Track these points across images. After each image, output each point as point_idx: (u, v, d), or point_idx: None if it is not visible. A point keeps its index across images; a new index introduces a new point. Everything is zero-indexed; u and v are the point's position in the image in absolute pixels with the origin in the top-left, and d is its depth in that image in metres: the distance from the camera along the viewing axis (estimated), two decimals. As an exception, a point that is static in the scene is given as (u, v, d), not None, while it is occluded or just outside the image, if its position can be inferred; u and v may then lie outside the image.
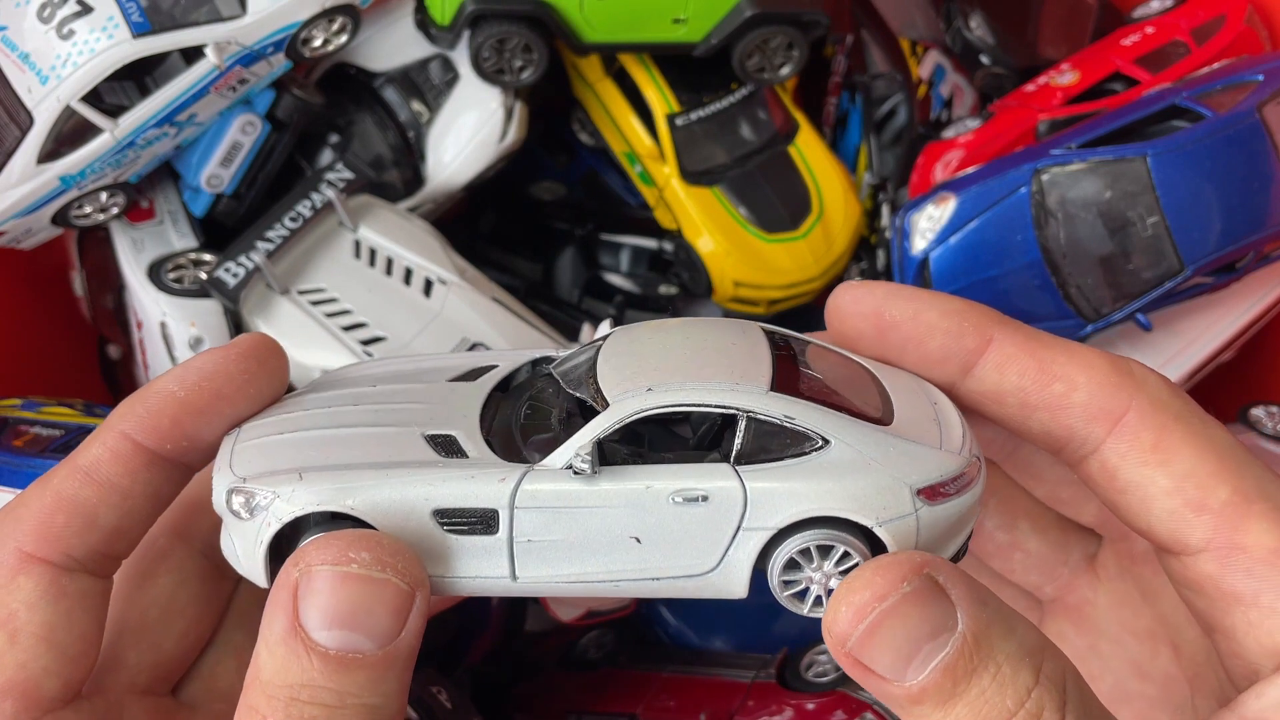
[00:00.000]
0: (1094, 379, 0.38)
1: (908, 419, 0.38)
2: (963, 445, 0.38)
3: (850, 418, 0.37)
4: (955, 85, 1.01)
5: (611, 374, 0.39)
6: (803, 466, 0.36)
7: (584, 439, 0.37)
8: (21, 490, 0.69)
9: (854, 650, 0.34)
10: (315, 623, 0.34)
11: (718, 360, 0.38)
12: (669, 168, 0.91)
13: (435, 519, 0.38)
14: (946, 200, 0.81)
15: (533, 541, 0.38)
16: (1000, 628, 0.33)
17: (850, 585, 0.34)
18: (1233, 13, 0.90)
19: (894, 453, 0.37)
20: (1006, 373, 0.39)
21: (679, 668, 0.77)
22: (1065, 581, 0.47)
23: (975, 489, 0.38)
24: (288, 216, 0.81)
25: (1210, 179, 0.74)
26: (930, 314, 0.40)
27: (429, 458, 0.39)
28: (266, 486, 0.38)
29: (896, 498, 0.36)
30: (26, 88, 0.75)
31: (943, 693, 0.33)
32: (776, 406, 0.37)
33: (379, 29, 0.90)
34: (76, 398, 0.85)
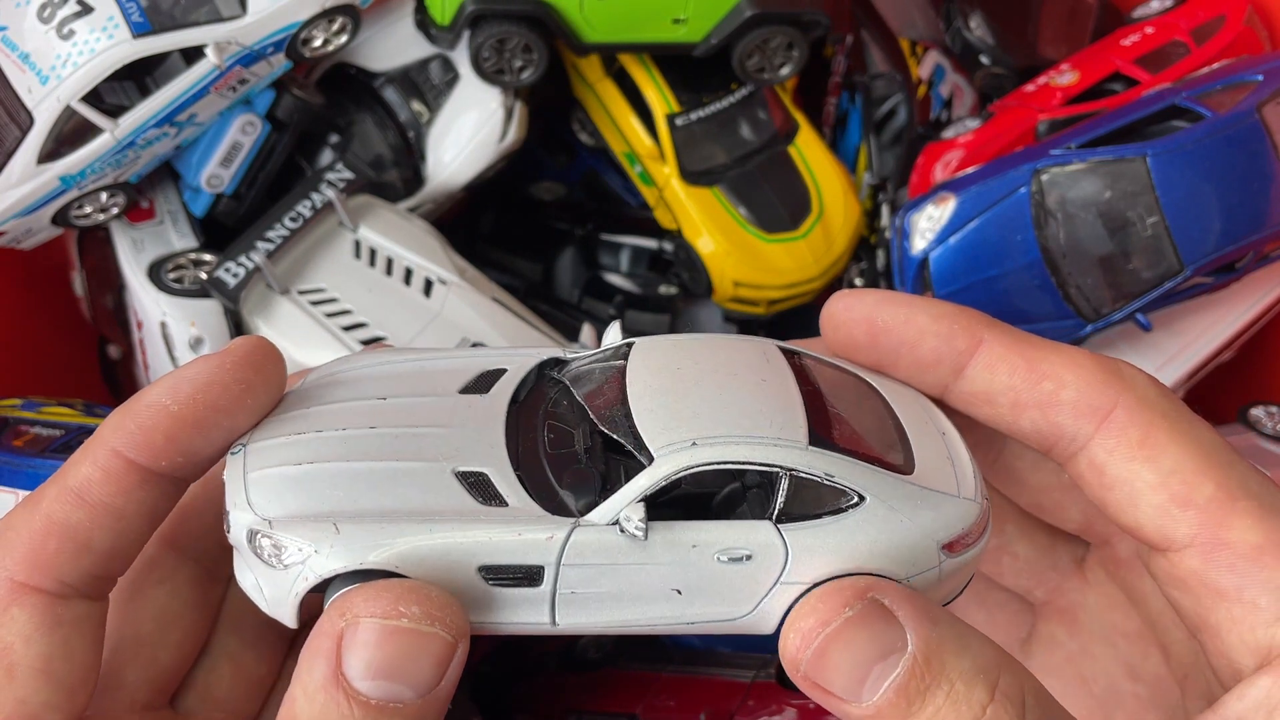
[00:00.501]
0: (1082, 377, 0.39)
1: (927, 461, 0.39)
2: (976, 489, 0.39)
3: (882, 471, 0.38)
4: (955, 85, 1.01)
5: (649, 418, 0.38)
6: (840, 524, 0.37)
7: (630, 497, 0.37)
8: (20, 492, 0.69)
9: (807, 674, 0.35)
10: (359, 672, 0.34)
11: (755, 404, 0.38)
12: (669, 168, 0.91)
13: (481, 574, 0.37)
14: (946, 200, 0.81)
15: (576, 594, 0.38)
16: (953, 645, 0.34)
17: (798, 612, 0.35)
18: (1232, 13, 0.90)
19: (922, 507, 0.37)
20: (997, 372, 0.40)
21: (679, 668, 0.77)
22: (1055, 585, 0.47)
23: (986, 535, 0.39)
24: (288, 216, 0.81)
25: (1210, 179, 0.74)
26: (921, 318, 0.41)
27: (467, 505, 0.38)
28: (300, 538, 0.37)
29: (925, 553, 0.37)
30: (27, 88, 0.75)
31: (898, 712, 0.33)
32: (818, 464, 0.37)
33: (379, 29, 0.90)
34: (76, 398, 0.85)
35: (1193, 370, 0.82)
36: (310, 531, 0.36)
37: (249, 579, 0.39)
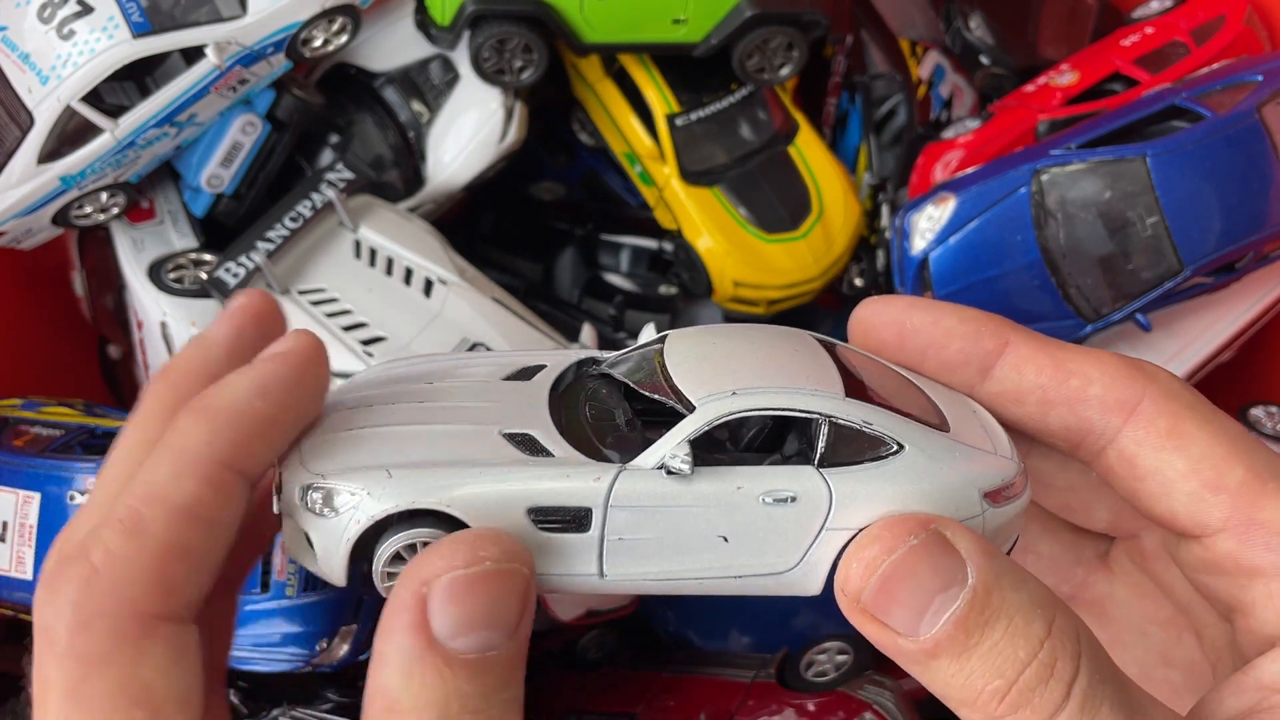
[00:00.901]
0: (1107, 372, 0.40)
1: (961, 425, 0.40)
2: (1013, 451, 0.40)
3: (918, 424, 0.39)
4: (955, 85, 1.01)
5: (689, 377, 0.39)
6: (881, 470, 0.38)
7: (676, 439, 0.38)
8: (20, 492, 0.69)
9: (868, 605, 0.35)
10: (450, 632, 0.33)
11: (792, 366, 0.40)
12: (669, 168, 0.91)
13: (530, 517, 0.38)
14: (946, 200, 0.81)
15: (623, 540, 0.38)
16: (1010, 580, 0.34)
17: (860, 542, 0.36)
18: (1232, 13, 0.90)
19: (960, 457, 0.38)
20: (1024, 372, 0.41)
21: (679, 668, 0.78)
22: (1081, 580, 0.48)
23: (1026, 494, 0.40)
24: (288, 216, 0.81)
25: (1210, 179, 0.74)
26: (948, 321, 0.42)
27: (515, 457, 0.39)
28: (352, 483, 0.37)
29: (968, 500, 0.38)
30: (27, 88, 0.75)
31: (956, 645, 0.34)
32: (856, 412, 0.38)
33: (379, 29, 0.90)
34: (76, 398, 0.85)
35: (1193, 370, 0.82)
36: (362, 478, 0.37)
37: (296, 541, 0.39)
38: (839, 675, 0.72)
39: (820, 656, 0.75)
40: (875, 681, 0.72)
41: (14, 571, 0.70)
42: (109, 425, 0.77)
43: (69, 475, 0.70)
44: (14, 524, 0.70)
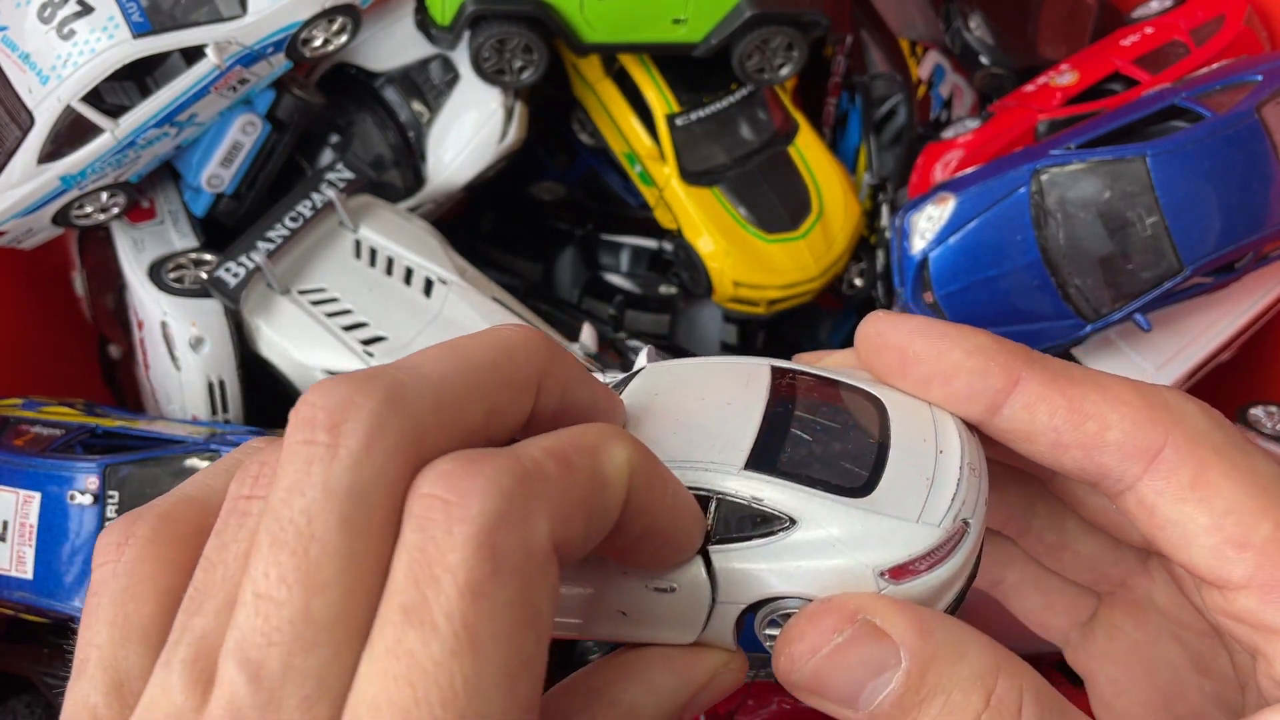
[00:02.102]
0: (1127, 415, 0.37)
1: (893, 483, 0.38)
2: (945, 514, 0.37)
3: (822, 494, 0.37)
4: (955, 85, 1.01)
5: None
6: (770, 548, 0.37)
7: None
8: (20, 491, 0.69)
9: (803, 694, 0.35)
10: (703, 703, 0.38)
11: (708, 428, 0.39)
12: (669, 168, 0.91)
13: None
14: (946, 200, 0.81)
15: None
16: (949, 654, 0.34)
17: (786, 636, 0.35)
18: (1232, 13, 0.90)
19: (861, 532, 0.36)
20: (1036, 412, 0.38)
21: (679, 667, 0.77)
22: (1119, 580, 0.46)
23: (952, 560, 0.37)
24: (288, 216, 0.81)
25: (1209, 179, 0.74)
26: (955, 353, 0.39)
27: None
28: None
29: (859, 579, 0.36)
30: (27, 88, 0.75)
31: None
32: (746, 487, 0.37)
33: (379, 29, 0.90)
34: (77, 398, 0.85)
35: (1192, 370, 0.82)
36: None
37: None
38: (839, 675, 0.72)
39: (820, 656, 0.74)
40: (875, 681, 0.72)
41: (14, 571, 0.70)
42: (109, 425, 0.77)
43: (69, 475, 0.70)
44: (14, 524, 0.70)
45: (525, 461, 0.31)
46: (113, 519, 0.69)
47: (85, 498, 0.69)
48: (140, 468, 0.70)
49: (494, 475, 0.29)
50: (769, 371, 0.42)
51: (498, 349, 0.34)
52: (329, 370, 0.78)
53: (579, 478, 0.32)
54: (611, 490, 0.33)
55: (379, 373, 0.31)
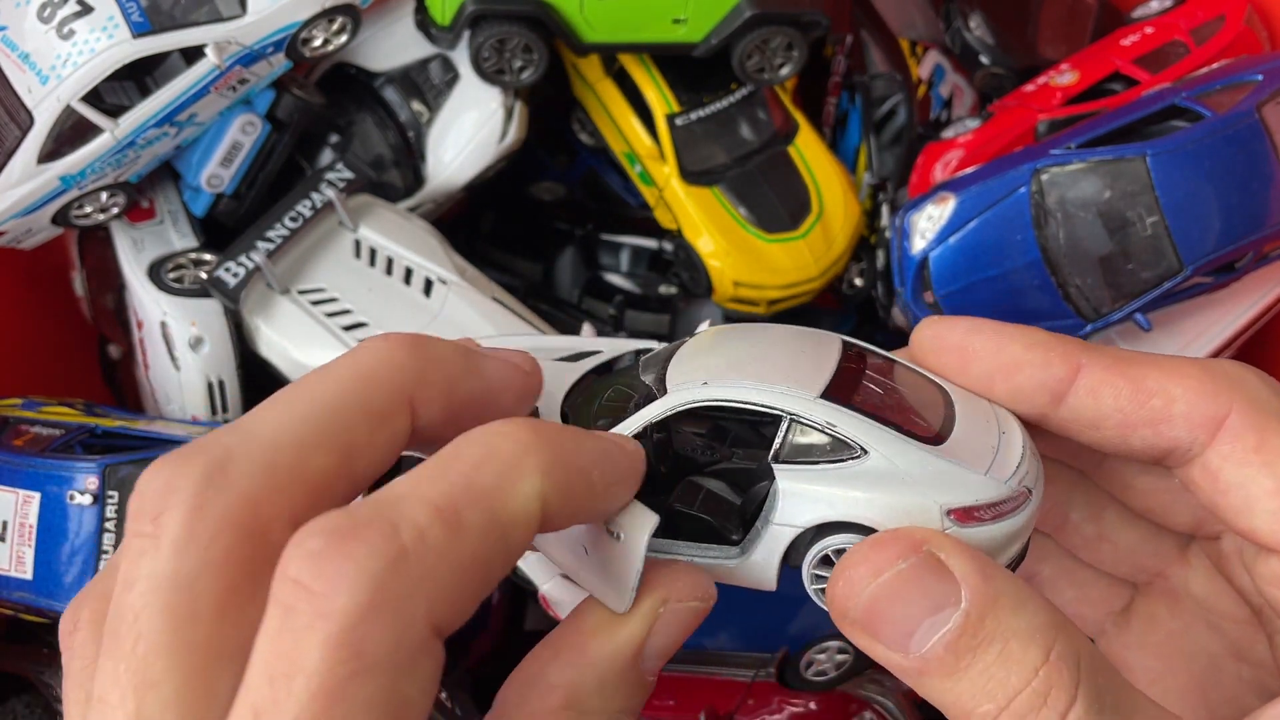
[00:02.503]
0: (1191, 388, 0.38)
1: (963, 442, 0.39)
2: (1012, 475, 0.38)
3: (895, 432, 0.38)
4: (955, 85, 1.01)
5: (679, 367, 0.41)
6: (837, 472, 0.37)
7: (636, 424, 0.39)
8: (20, 491, 0.69)
9: (856, 623, 0.34)
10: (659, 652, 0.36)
11: (781, 364, 0.40)
12: (669, 168, 0.91)
13: None
14: (946, 200, 0.81)
15: None
16: (1009, 603, 0.33)
17: (848, 560, 0.35)
18: (1232, 13, 0.90)
19: (931, 470, 0.37)
20: (1101, 397, 0.39)
21: (678, 667, 0.77)
22: (1156, 571, 0.47)
23: (1015, 519, 0.38)
24: (288, 216, 0.81)
25: (1209, 179, 0.74)
26: (1014, 347, 0.40)
27: None
28: None
29: (925, 514, 0.36)
30: (26, 88, 0.75)
31: (945, 667, 0.33)
32: (820, 413, 0.38)
33: (379, 29, 0.90)
34: (77, 398, 0.85)
35: (1192, 370, 0.82)
36: None
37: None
38: (839, 675, 0.72)
39: (820, 656, 0.74)
40: (875, 681, 0.72)
41: (14, 571, 0.70)
42: (109, 425, 0.77)
43: (69, 475, 0.70)
44: (14, 524, 0.70)
45: (406, 534, 0.28)
46: (112, 519, 0.69)
47: (85, 498, 0.69)
48: (140, 468, 0.70)
49: (365, 558, 0.27)
50: (840, 340, 0.43)
51: (351, 379, 0.33)
52: None
53: (469, 539, 0.29)
54: (517, 531, 0.31)
55: (203, 446, 0.29)
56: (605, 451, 0.36)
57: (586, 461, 0.34)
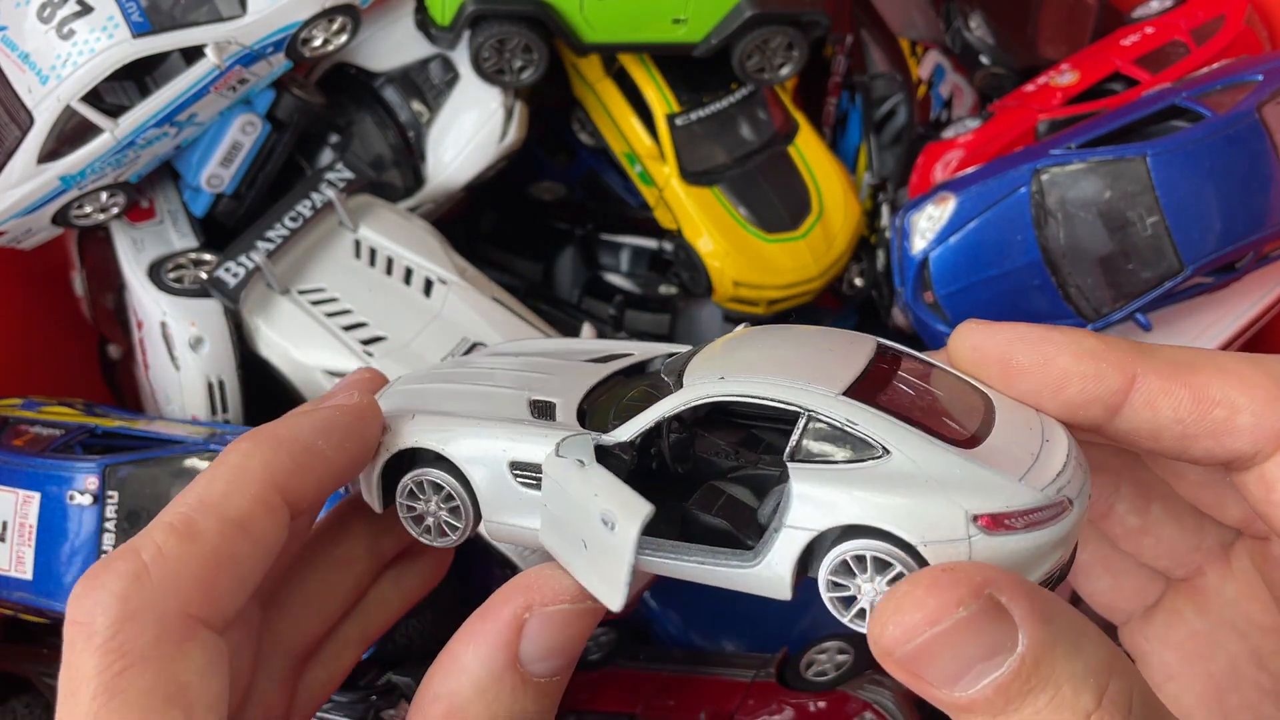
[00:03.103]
0: (1258, 397, 0.36)
1: (998, 448, 0.36)
2: (1050, 483, 0.36)
3: (921, 433, 0.36)
4: (955, 85, 1.01)
5: (701, 362, 0.40)
6: (856, 473, 0.35)
7: (648, 420, 0.38)
8: (20, 491, 0.69)
9: (901, 662, 0.32)
10: (535, 656, 0.35)
11: (806, 362, 0.38)
12: (669, 168, 0.91)
13: (513, 471, 0.41)
14: (946, 200, 0.81)
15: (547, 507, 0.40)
16: (1065, 647, 0.32)
17: (900, 603, 0.32)
18: (1232, 13, 0.90)
19: (959, 475, 0.35)
20: (1160, 409, 0.37)
21: (679, 667, 0.77)
22: (1196, 566, 0.45)
23: (1053, 529, 0.35)
24: (288, 216, 0.81)
25: (1210, 179, 0.74)
26: (1063, 359, 0.38)
27: (521, 418, 0.42)
28: (390, 422, 0.43)
29: (948, 520, 0.34)
30: (27, 87, 0.75)
31: (993, 708, 0.31)
32: (840, 411, 0.36)
33: (379, 29, 0.90)
34: (77, 398, 0.85)
35: (1193, 370, 0.82)
36: (395, 417, 0.43)
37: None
38: (839, 675, 0.72)
39: (820, 656, 0.74)
40: (875, 681, 0.72)
41: (14, 571, 0.70)
42: (109, 425, 0.77)
43: (69, 475, 0.70)
44: (14, 524, 0.70)
45: (145, 553, 0.35)
46: (111, 518, 0.69)
47: (85, 498, 0.69)
48: (140, 468, 0.70)
49: (110, 582, 0.34)
50: (875, 342, 0.41)
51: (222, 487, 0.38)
52: (328, 370, 0.78)
53: (207, 541, 0.36)
54: (258, 521, 0.37)
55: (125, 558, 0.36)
56: (325, 420, 0.40)
57: (308, 437, 0.39)
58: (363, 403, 0.42)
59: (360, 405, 0.42)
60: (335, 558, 0.46)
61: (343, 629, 0.47)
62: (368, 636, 0.48)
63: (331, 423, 0.40)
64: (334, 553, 0.47)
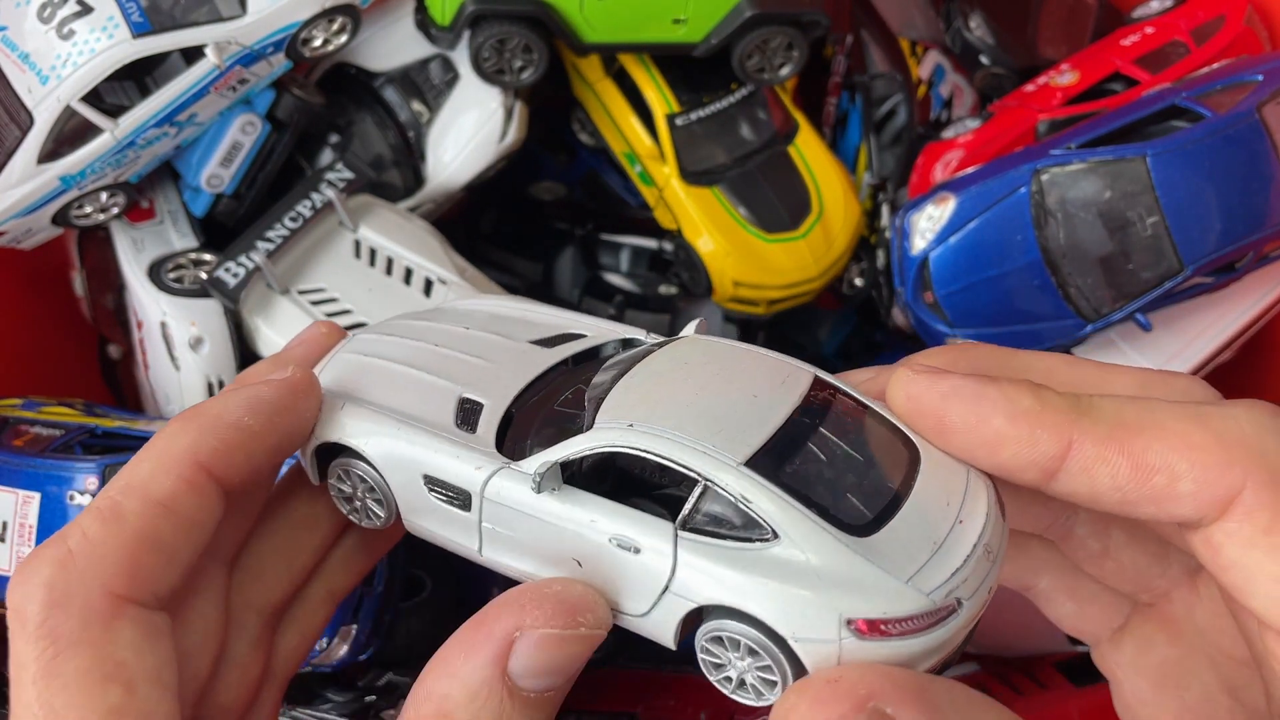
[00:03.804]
0: (1199, 461, 0.34)
1: (899, 534, 0.35)
2: (941, 585, 0.34)
3: (814, 519, 0.35)
4: (955, 85, 1.01)
5: (620, 394, 0.39)
6: (741, 554, 0.35)
7: (552, 457, 0.38)
8: (20, 491, 0.69)
9: None
10: (524, 673, 0.35)
11: (721, 414, 0.37)
12: (669, 168, 0.91)
13: (425, 484, 0.41)
14: (946, 200, 0.81)
15: (497, 531, 0.40)
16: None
17: (789, 712, 0.32)
18: (1232, 13, 0.90)
19: (843, 571, 0.34)
20: (1097, 476, 0.35)
21: (679, 667, 0.77)
22: (1161, 592, 0.44)
23: (931, 636, 0.34)
24: (288, 216, 0.81)
25: (1210, 179, 0.74)
26: (997, 420, 0.36)
27: (445, 424, 0.42)
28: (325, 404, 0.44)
29: (821, 620, 0.33)
30: (27, 88, 0.75)
31: None
32: (738, 485, 0.35)
33: (379, 29, 0.90)
34: (76, 398, 0.85)
35: (1192, 370, 0.82)
36: (329, 403, 0.44)
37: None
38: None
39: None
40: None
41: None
42: (109, 425, 0.77)
43: (69, 475, 0.70)
44: (14, 524, 0.70)
45: (71, 539, 0.37)
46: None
47: (85, 498, 0.69)
48: (140, 468, 0.70)
49: (38, 569, 0.36)
50: (810, 380, 0.40)
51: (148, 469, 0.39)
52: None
53: (131, 522, 0.37)
54: (183, 500, 0.38)
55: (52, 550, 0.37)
56: (253, 397, 0.41)
57: (235, 414, 0.40)
58: (294, 377, 0.43)
59: (292, 380, 0.42)
60: (298, 516, 0.47)
61: (311, 588, 0.48)
62: (335, 594, 0.49)
63: (259, 399, 0.41)
64: (297, 511, 0.47)
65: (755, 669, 0.36)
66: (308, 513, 0.47)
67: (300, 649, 0.47)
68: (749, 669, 0.36)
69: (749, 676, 0.36)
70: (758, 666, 0.36)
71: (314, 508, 0.48)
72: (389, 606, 0.71)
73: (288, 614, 0.47)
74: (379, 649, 0.71)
